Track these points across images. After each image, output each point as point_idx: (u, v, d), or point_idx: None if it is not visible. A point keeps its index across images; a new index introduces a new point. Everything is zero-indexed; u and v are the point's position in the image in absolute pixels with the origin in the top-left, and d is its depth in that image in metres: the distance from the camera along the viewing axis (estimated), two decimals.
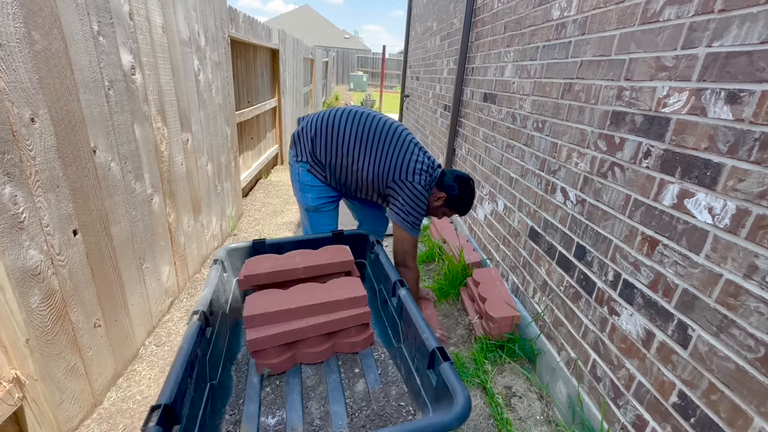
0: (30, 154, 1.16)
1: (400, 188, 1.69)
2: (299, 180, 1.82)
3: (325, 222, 1.90)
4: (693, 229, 1.02)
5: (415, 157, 1.71)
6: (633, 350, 1.21)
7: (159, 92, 1.90)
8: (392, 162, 1.69)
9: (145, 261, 1.83)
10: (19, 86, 1.11)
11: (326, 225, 1.90)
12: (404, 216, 1.70)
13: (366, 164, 1.70)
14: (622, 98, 1.29)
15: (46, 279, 1.23)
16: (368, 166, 1.70)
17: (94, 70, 1.42)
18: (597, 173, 1.41)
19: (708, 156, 0.98)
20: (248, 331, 1.25)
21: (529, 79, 1.97)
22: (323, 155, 1.74)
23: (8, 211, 1.09)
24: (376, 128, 1.72)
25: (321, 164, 1.77)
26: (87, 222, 1.42)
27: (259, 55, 4.23)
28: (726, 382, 0.92)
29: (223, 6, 2.79)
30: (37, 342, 1.21)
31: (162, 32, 1.90)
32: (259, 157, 4.44)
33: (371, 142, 1.70)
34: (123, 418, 1.47)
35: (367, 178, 1.73)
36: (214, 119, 2.67)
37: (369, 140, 1.70)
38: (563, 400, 1.55)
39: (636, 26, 1.24)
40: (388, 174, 1.70)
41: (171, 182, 2.06)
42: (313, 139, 1.74)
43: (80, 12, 1.35)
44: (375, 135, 1.71)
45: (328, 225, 1.90)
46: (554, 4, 1.74)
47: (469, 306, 2.15)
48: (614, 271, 1.30)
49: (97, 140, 1.46)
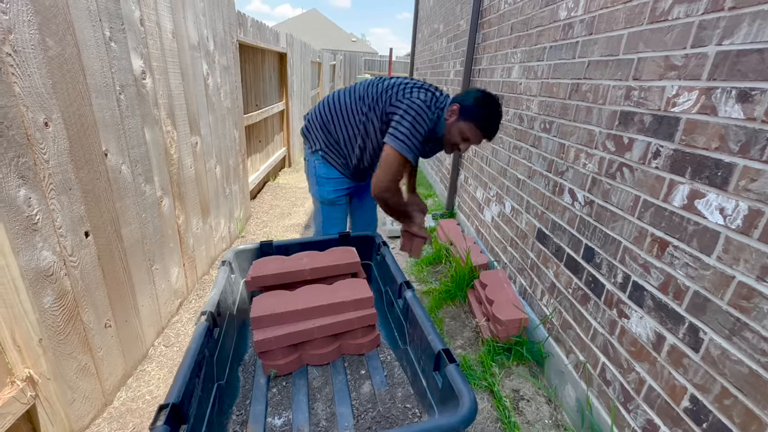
0: (44, 158, 1.18)
1: (396, 107, 1.50)
2: (315, 174, 1.79)
3: (338, 216, 1.89)
4: (704, 230, 1.00)
5: (414, 82, 1.56)
6: (643, 353, 1.19)
7: (169, 96, 1.93)
8: (389, 95, 1.55)
9: (155, 262, 1.85)
10: (33, 91, 1.14)
11: (339, 219, 1.89)
12: (396, 130, 1.47)
13: (369, 115, 1.58)
14: (630, 98, 1.28)
15: (58, 280, 1.26)
16: (370, 115, 1.58)
17: (105, 75, 1.45)
18: (605, 174, 1.39)
19: (719, 156, 0.96)
20: (255, 332, 1.26)
21: (536, 80, 1.96)
22: (336, 132, 1.68)
23: (22, 213, 1.12)
24: (374, 83, 1.65)
25: (335, 146, 1.71)
26: (98, 224, 1.44)
27: (267, 58, 4.27)
28: (739, 387, 0.90)
29: (231, 11, 2.83)
30: (50, 341, 1.23)
31: (172, 37, 1.93)
32: (267, 160, 4.48)
33: (370, 95, 1.60)
34: (132, 417, 1.49)
35: (376, 134, 1.59)
36: (223, 122, 2.70)
37: (368, 94, 1.61)
38: (572, 404, 1.53)
39: (644, 25, 1.22)
40: (385, 105, 1.54)
41: (180, 185, 2.09)
42: (323, 121, 1.70)
43: (93, 18, 1.38)
44: (373, 88, 1.62)
45: (341, 219, 1.90)
46: (561, 5, 1.73)
47: (476, 308, 2.14)
48: (623, 273, 1.29)
49: (109, 144, 1.48)
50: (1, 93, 1.04)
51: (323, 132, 1.73)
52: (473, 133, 1.51)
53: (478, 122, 1.49)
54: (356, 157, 1.72)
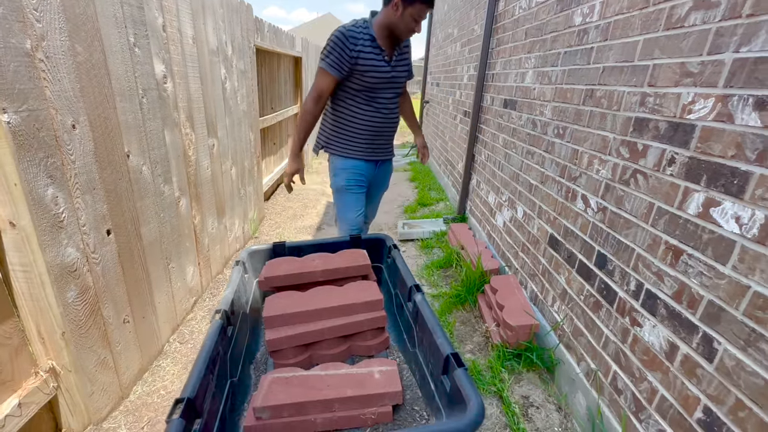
0: (70, 158, 1.24)
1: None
2: (332, 167, 2.03)
3: (351, 202, 2.04)
4: (719, 239, 0.99)
5: None
6: (656, 363, 1.18)
7: (188, 100, 1.98)
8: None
9: (172, 261, 1.90)
10: (63, 95, 1.19)
11: (352, 205, 2.04)
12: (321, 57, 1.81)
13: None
14: (645, 104, 1.27)
15: (81, 275, 1.31)
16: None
17: (129, 79, 1.51)
18: (619, 180, 1.38)
19: (735, 164, 0.95)
20: (267, 331, 1.29)
21: (550, 86, 1.95)
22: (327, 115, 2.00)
23: (50, 211, 1.17)
24: None
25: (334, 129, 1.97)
26: (119, 222, 1.50)
27: (283, 62, 4.35)
28: (754, 399, 0.88)
29: (249, 17, 2.89)
30: (72, 335, 1.28)
31: (192, 43, 1.99)
32: (281, 162, 4.55)
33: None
34: (148, 411, 1.53)
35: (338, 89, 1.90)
36: (239, 125, 2.77)
37: None
38: (582, 412, 1.52)
39: (660, 32, 1.22)
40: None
41: (197, 185, 2.15)
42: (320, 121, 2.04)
43: (119, 25, 1.44)
44: None
45: (358, 209, 2.05)
46: (576, 10, 1.73)
47: (486, 313, 2.13)
48: (636, 280, 1.27)
49: (131, 145, 1.54)
50: (33, 97, 1.09)
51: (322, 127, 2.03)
52: (420, 9, 1.74)
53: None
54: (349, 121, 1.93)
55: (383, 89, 1.88)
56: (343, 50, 1.72)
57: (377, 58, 1.80)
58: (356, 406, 1.12)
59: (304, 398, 1.09)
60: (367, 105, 1.89)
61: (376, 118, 1.92)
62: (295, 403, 1.09)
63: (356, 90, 1.85)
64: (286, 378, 1.17)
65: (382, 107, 1.92)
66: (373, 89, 1.86)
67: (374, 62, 1.79)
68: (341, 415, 1.11)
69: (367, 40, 1.77)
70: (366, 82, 1.82)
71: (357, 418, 1.12)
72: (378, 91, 1.87)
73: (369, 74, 1.80)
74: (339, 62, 1.75)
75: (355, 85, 1.83)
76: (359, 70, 1.78)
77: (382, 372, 1.20)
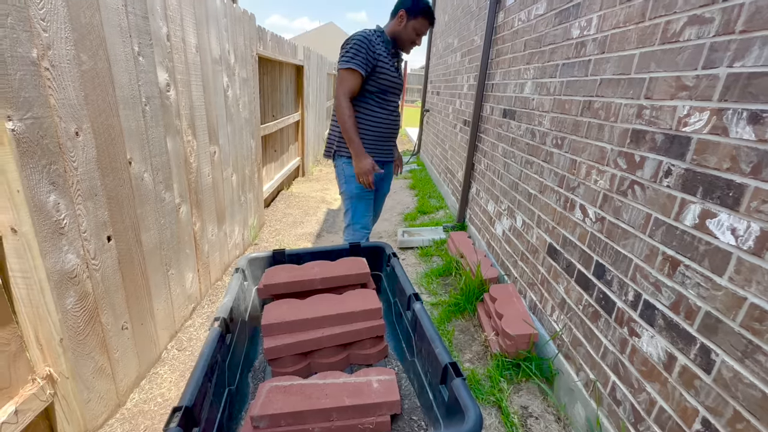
0: (73, 165, 1.25)
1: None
2: (344, 174, 2.09)
3: (368, 210, 2.17)
4: (716, 251, 0.99)
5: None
6: (654, 373, 1.18)
7: (190, 107, 2.00)
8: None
9: (171, 267, 1.91)
10: (67, 103, 1.21)
11: (369, 213, 2.18)
12: (340, 59, 1.92)
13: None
14: (642, 117, 1.28)
15: (81, 282, 1.31)
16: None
17: (133, 87, 1.52)
18: (617, 191, 1.39)
19: (731, 176, 0.96)
20: (266, 339, 1.28)
21: (549, 96, 1.97)
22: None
23: (51, 217, 1.18)
24: None
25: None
26: (120, 229, 1.50)
27: (285, 71, 4.39)
28: (752, 411, 0.88)
29: (252, 26, 2.93)
30: (70, 342, 1.28)
31: (195, 51, 2.02)
32: (282, 169, 4.56)
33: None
34: (144, 419, 1.52)
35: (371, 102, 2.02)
36: (240, 133, 2.79)
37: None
38: (581, 423, 1.51)
39: (656, 46, 1.24)
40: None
41: (198, 192, 2.16)
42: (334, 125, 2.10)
43: (123, 34, 1.46)
44: None
45: (370, 214, 2.18)
46: (574, 23, 1.76)
47: (485, 322, 2.13)
48: (634, 291, 1.28)
49: (133, 152, 1.55)
50: (38, 104, 1.11)
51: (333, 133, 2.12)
52: (422, 24, 1.95)
53: (425, 15, 1.93)
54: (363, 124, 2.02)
55: (392, 93, 2.05)
56: (368, 52, 1.88)
57: (389, 64, 1.96)
58: (354, 415, 1.11)
59: (302, 407, 1.09)
60: (380, 108, 2.02)
61: (387, 121, 2.06)
62: (293, 412, 1.08)
63: (370, 92, 1.98)
64: (284, 386, 1.16)
65: (393, 110, 2.09)
66: (386, 92, 2.01)
67: (387, 66, 1.96)
68: (339, 425, 1.10)
69: (382, 45, 1.95)
70: (381, 84, 1.97)
71: (355, 427, 1.12)
72: (389, 94, 2.03)
73: (383, 77, 1.95)
74: (366, 62, 1.88)
75: (370, 87, 1.96)
76: (377, 71, 1.93)
77: (381, 381, 1.19)
